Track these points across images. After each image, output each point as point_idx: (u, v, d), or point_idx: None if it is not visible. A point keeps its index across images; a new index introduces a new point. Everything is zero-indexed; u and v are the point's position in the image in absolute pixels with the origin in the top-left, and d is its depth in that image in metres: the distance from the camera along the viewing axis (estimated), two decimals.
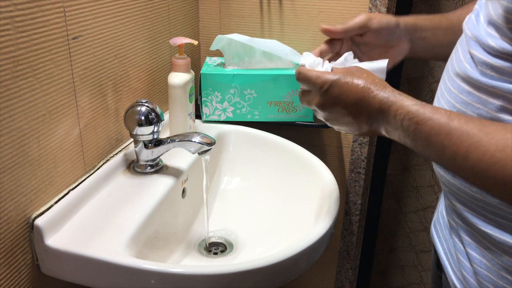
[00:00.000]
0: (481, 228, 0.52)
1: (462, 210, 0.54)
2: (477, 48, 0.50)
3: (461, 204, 0.54)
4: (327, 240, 0.69)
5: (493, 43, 0.47)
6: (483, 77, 0.48)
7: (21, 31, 0.54)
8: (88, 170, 0.73)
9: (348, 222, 1.26)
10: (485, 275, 0.52)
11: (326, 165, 0.87)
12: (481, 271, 0.53)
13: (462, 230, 0.55)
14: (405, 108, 0.50)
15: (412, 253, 1.56)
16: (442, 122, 0.47)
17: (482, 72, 0.49)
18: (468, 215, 0.53)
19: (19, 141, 0.57)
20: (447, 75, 0.57)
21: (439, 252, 0.63)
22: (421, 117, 0.48)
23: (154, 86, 0.93)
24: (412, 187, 1.47)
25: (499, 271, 0.51)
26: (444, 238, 0.62)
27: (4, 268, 0.57)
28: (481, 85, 0.49)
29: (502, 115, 0.47)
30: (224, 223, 0.90)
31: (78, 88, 0.67)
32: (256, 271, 0.59)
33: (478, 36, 0.50)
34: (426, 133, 0.48)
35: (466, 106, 0.50)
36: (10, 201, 0.57)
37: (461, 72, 0.52)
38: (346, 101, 0.56)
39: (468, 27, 0.53)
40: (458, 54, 0.55)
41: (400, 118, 0.50)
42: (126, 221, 0.66)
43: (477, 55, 0.49)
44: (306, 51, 0.67)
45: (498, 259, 0.50)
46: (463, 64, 0.52)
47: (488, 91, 0.48)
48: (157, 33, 0.91)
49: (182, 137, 0.76)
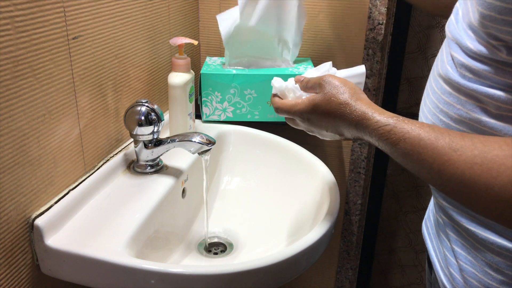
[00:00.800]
0: (465, 225, 0.52)
1: (448, 208, 0.55)
2: (457, 50, 0.51)
3: (447, 202, 0.55)
4: (327, 240, 0.69)
5: (471, 46, 0.48)
6: (462, 79, 0.49)
7: (21, 31, 0.54)
8: (88, 170, 0.73)
9: (348, 222, 1.26)
10: (470, 272, 0.53)
11: (326, 165, 0.87)
12: (466, 268, 0.53)
13: (449, 228, 0.56)
14: (379, 131, 0.51)
15: (412, 253, 1.56)
16: (414, 143, 0.48)
17: (461, 74, 0.49)
18: (453, 213, 0.54)
19: (19, 141, 0.57)
20: (432, 76, 0.57)
21: (429, 249, 0.64)
22: (393, 139, 0.49)
23: (154, 86, 0.93)
24: (412, 187, 1.47)
25: (483, 268, 0.51)
26: (434, 236, 0.62)
27: (4, 268, 0.57)
28: (460, 87, 0.49)
29: (480, 116, 0.48)
30: (224, 223, 0.90)
31: (78, 88, 0.67)
32: (256, 271, 0.59)
33: (457, 38, 0.51)
34: (401, 153, 0.49)
35: (448, 107, 0.51)
36: (10, 201, 0.57)
37: (443, 73, 0.53)
38: (326, 122, 0.59)
39: (449, 29, 0.54)
40: (442, 55, 0.55)
41: (376, 139, 0.52)
42: (126, 221, 0.66)
43: (456, 57, 0.50)
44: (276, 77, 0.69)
45: (482, 255, 0.51)
46: (445, 66, 0.53)
47: (466, 93, 0.49)
48: (157, 33, 0.91)
49: (182, 137, 0.76)
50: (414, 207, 1.50)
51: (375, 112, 0.53)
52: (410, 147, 0.48)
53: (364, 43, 1.06)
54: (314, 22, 1.07)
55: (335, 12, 1.05)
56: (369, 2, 1.02)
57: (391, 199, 1.51)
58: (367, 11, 1.03)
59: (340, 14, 1.05)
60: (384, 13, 1.02)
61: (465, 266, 0.54)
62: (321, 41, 1.09)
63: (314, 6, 1.06)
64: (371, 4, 1.02)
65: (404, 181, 1.47)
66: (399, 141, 0.49)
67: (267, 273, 0.60)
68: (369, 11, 1.03)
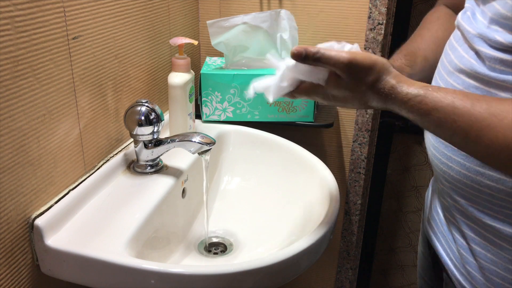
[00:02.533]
0: (487, 222, 0.52)
1: (466, 205, 0.54)
2: (483, 45, 0.51)
3: (466, 199, 0.54)
4: (327, 240, 0.69)
5: (502, 39, 0.48)
6: (492, 72, 0.49)
7: (21, 31, 0.54)
8: (88, 170, 0.73)
9: (348, 222, 1.26)
10: (492, 269, 0.52)
11: (326, 165, 0.87)
12: (486, 266, 0.53)
13: (465, 226, 0.55)
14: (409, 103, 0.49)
15: (412, 253, 1.56)
16: (448, 111, 0.46)
17: (490, 67, 0.49)
18: (473, 210, 0.54)
19: (19, 141, 0.57)
20: (445, 72, 0.57)
21: (438, 249, 0.63)
22: (424, 109, 0.48)
23: (154, 86, 0.93)
24: (412, 187, 1.47)
25: (506, 264, 0.51)
26: (442, 235, 0.62)
27: (4, 268, 0.57)
28: (490, 80, 0.49)
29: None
30: (224, 223, 0.90)
31: (78, 88, 0.67)
32: (256, 271, 0.59)
33: (482, 33, 0.51)
34: (433, 123, 0.48)
35: None
36: (10, 201, 0.57)
37: (467, 68, 0.53)
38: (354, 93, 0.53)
39: (467, 24, 0.54)
40: (457, 51, 0.55)
41: (406, 111, 0.50)
42: (126, 221, 0.66)
43: (484, 51, 0.50)
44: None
45: (505, 252, 0.51)
46: (467, 61, 0.53)
47: (497, 85, 0.49)
48: (157, 33, 0.91)
49: (182, 137, 0.76)
50: (414, 207, 1.50)
51: (404, 84, 0.50)
52: (444, 116, 0.46)
53: (364, 43, 1.06)
54: (314, 22, 1.07)
55: (335, 12, 1.05)
56: (369, 2, 1.02)
57: (391, 199, 1.51)
58: (367, 11, 1.03)
59: (340, 14, 1.05)
60: (384, 13, 1.02)
61: (486, 264, 0.53)
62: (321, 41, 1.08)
63: (314, 6, 1.06)
64: (371, 4, 1.02)
65: (404, 181, 1.47)
66: (432, 110, 0.47)
67: (267, 273, 0.60)
68: (369, 11, 1.03)
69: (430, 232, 0.66)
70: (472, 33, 0.53)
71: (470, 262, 0.55)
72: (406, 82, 0.51)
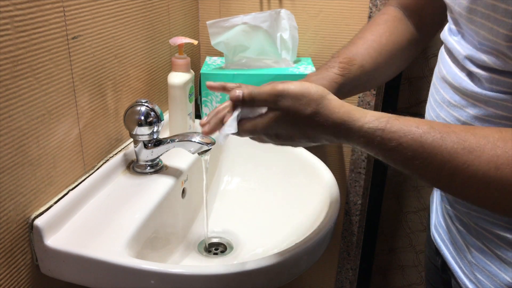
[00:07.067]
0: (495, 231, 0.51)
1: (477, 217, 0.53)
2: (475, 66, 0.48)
3: (477, 212, 0.53)
4: (327, 241, 0.69)
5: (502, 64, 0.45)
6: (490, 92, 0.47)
7: (21, 31, 0.54)
8: (87, 170, 0.73)
9: (348, 222, 1.26)
10: (502, 277, 0.51)
11: (326, 165, 0.87)
12: (498, 273, 0.52)
13: (472, 233, 0.55)
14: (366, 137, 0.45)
15: (412, 253, 1.55)
16: (415, 146, 0.42)
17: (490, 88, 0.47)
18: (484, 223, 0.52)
19: (19, 141, 0.56)
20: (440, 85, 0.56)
21: (445, 255, 0.62)
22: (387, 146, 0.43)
23: (154, 86, 0.93)
24: (412, 187, 1.47)
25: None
26: (450, 242, 0.61)
27: (4, 268, 0.57)
28: (488, 99, 0.47)
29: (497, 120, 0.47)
30: (224, 223, 0.90)
31: (78, 88, 0.67)
32: (256, 271, 0.59)
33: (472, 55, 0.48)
34: (399, 159, 0.44)
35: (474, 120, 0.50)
36: (9, 201, 0.56)
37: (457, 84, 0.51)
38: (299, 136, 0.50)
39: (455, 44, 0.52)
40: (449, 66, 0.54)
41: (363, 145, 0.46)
42: (126, 221, 0.66)
43: (479, 72, 0.47)
44: None
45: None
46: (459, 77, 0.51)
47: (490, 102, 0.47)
48: (157, 33, 0.91)
49: (182, 137, 0.76)
50: (414, 207, 1.50)
51: (354, 115, 0.46)
52: (411, 152, 0.43)
53: None
54: (314, 22, 1.07)
55: (335, 12, 1.05)
56: (369, 2, 1.02)
57: (391, 199, 1.51)
58: (367, 11, 1.03)
59: (340, 14, 1.05)
60: None
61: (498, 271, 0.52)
62: (321, 41, 1.09)
63: (314, 6, 1.06)
64: (371, 4, 1.02)
65: (404, 181, 1.47)
66: (396, 146, 0.43)
67: (267, 273, 0.60)
68: (369, 11, 1.03)
69: (437, 238, 0.65)
70: (463, 54, 0.50)
71: (479, 269, 0.55)
72: (357, 113, 0.46)
